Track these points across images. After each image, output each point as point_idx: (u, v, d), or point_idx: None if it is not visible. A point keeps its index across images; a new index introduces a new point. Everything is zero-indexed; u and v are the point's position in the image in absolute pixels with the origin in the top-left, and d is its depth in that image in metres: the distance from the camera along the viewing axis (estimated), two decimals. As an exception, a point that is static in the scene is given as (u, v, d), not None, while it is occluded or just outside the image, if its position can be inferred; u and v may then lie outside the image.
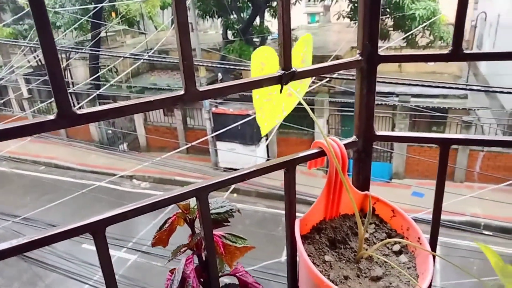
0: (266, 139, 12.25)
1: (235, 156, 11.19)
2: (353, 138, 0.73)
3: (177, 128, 14.24)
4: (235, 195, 10.69)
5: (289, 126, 11.58)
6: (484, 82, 13.57)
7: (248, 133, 11.72)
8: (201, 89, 0.51)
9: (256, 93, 0.64)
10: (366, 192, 0.74)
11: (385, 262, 0.66)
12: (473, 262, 6.67)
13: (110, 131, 15.54)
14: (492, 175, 8.72)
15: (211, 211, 0.62)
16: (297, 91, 0.65)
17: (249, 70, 0.73)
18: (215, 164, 12.99)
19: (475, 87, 5.87)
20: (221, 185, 0.59)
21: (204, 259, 0.62)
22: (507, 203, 7.94)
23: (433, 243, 0.73)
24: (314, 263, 0.63)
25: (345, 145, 0.68)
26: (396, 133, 0.74)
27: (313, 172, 11.23)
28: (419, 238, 0.66)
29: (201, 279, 0.64)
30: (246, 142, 11.99)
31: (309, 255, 0.63)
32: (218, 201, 0.66)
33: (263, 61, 0.61)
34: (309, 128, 11.40)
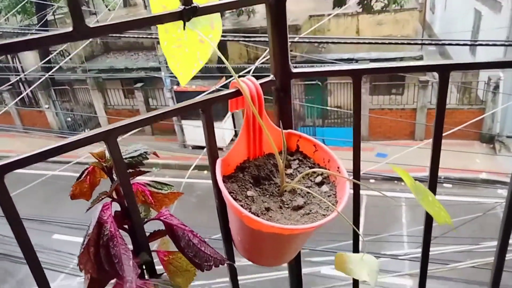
0: (232, 115, 12.20)
1: (202, 133, 11.11)
2: (270, 77, 0.73)
3: (139, 110, 13.90)
4: (205, 172, 10.68)
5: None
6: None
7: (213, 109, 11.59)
8: (91, 25, 0.50)
9: (163, 39, 0.63)
10: (289, 130, 0.75)
11: (308, 192, 0.68)
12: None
13: (69, 118, 14.99)
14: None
15: (125, 157, 0.62)
16: (209, 37, 0.64)
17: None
18: (182, 143, 12.87)
19: (427, 42, 6.04)
20: (131, 128, 0.58)
21: (126, 205, 0.62)
22: (464, 153, 8.37)
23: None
24: (236, 199, 0.64)
25: (262, 84, 0.68)
26: (310, 69, 0.75)
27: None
28: (338, 168, 0.69)
29: (126, 226, 0.64)
30: (211, 118, 11.89)
31: (231, 193, 0.64)
32: (134, 147, 0.65)
33: (164, 3, 0.59)
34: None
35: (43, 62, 9.59)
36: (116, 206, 0.62)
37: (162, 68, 11.98)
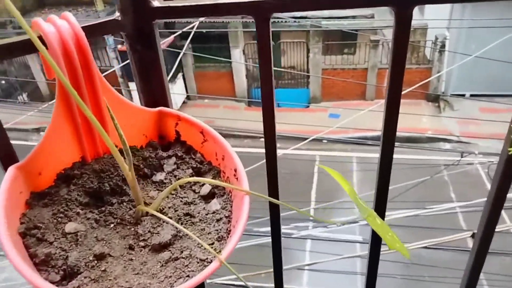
0: (183, 75, 11.60)
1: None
2: (114, 15, 0.43)
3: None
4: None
5: (205, 60, 11.01)
6: None
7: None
8: None
9: None
10: (161, 107, 0.46)
11: (185, 215, 0.40)
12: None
13: (3, 81, 13.62)
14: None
15: None
16: None
17: None
18: (129, 107, 12.15)
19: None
20: None
21: None
22: (412, 115, 8.52)
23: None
24: (43, 240, 0.35)
25: (91, 27, 0.38)
26: (185, 3, 0.45)
27: (236, 105, 11.03)
28: (235, 170, 0.42)
29: None
30: (160, 80, 11.21)
31: (35, 228, 0.35)
32: None
33: None
34: (226, 60, 10.95)
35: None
36: None
37: (102, 26, 11.00)
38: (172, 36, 9.19)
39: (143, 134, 0.47)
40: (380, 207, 0.53)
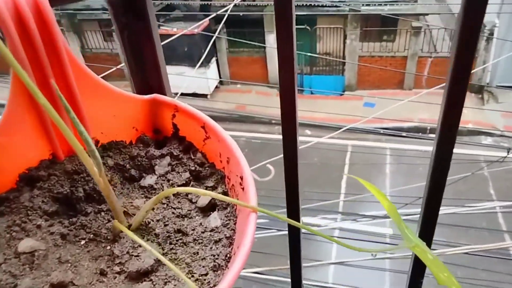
0: (217, 59, 11.55)
1: (185, 80, 10.47)
2: None
3: (119, 54, 13.09)
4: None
5: (239, 45, 10.91)
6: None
7: (196, 54, 10.90)
8: None
9: None
10: (155, 95, 0.37)
11: (176, 232, 0.32)
12: (419, 165, 6.88)
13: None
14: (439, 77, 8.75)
15: None
16: None
17: None
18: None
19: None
20: None
21: None
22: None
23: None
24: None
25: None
26: None
27: (268, 91, 10.89)
28: (241, 178, 0.33)
29: None
30: (194, 64, 11.22)
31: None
32: None
33: None
34: (261, 45, 10.80)
35: None
36: None
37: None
38: (207, 19, 9.12)
39: (133, 127, 0.38)
40: (427, 231, 0.42)
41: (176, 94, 10.26)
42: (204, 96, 11.01)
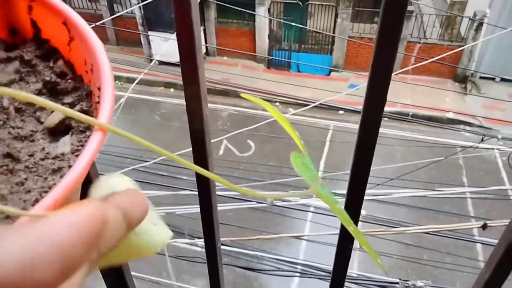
0: (204, 29, 11.26)
1: (171, 47, 10.21)
2: None
3: (102, 16, 12.63)
4: (171, 90, 10.10)
5: (228, 15, 10.65)
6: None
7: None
8: None
9: None
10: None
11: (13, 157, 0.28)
12: (398, 149, 6.98)
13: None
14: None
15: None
16: None
17: None
18: (148, 57, 11.97)
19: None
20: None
21: None
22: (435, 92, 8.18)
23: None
24: None
25: None
26: None
27: (254, 66, 10.75)
28: (99, 89, 0.27)
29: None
30: (180, 32, 10.93)
31: None
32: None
33: None
34: (249, 18, 10.57)
35: None
36: None
37: (126, -32, 10.66)
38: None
39: None
40: (355, 198, 0.41)
41: (162, 62, 9.97)
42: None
